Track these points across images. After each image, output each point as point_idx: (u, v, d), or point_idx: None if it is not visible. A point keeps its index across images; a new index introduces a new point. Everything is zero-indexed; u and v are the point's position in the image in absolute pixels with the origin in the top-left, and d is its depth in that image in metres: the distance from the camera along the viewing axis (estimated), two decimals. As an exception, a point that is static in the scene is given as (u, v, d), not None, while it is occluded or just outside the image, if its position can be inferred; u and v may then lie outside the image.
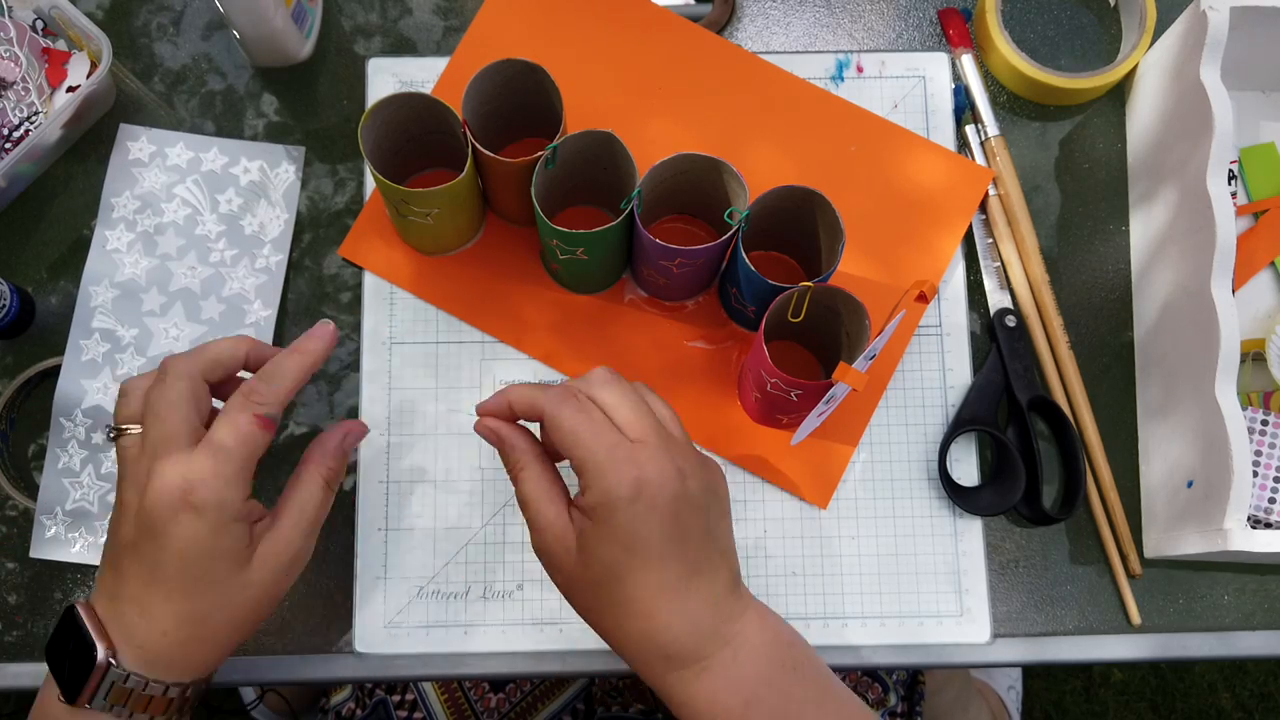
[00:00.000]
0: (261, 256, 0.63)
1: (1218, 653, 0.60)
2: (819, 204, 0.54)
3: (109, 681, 0.46)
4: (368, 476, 0.61)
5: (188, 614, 0.47)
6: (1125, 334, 0.64)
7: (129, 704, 0.47)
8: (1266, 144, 0.65)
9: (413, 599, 0.59)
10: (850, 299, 0.53)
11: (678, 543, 0.47)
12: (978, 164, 0.64)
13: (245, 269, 0.63)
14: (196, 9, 0.66)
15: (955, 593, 0.60)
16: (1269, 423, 0.59)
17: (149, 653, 0.47)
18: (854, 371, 0.51)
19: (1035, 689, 1.32)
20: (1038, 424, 0.62)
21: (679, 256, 0.54)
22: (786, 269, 0.62)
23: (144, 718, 0.47)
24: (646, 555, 0.46)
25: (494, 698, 0.79)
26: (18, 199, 0.64)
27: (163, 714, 0.48)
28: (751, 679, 0.47)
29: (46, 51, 0.63)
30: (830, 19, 0.68)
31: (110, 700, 0.46)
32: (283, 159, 0.64)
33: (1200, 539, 0.54)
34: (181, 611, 0.47)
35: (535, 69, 0.54)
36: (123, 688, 0.46)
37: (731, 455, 0.61)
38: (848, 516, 0.61)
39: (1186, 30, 0.59)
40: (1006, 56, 0.64)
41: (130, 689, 0.46)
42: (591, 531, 0.47)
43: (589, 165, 0.57)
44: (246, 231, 0.63)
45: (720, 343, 0.62)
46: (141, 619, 0.47)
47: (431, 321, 0.62)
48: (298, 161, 0.64)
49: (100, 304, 0.62)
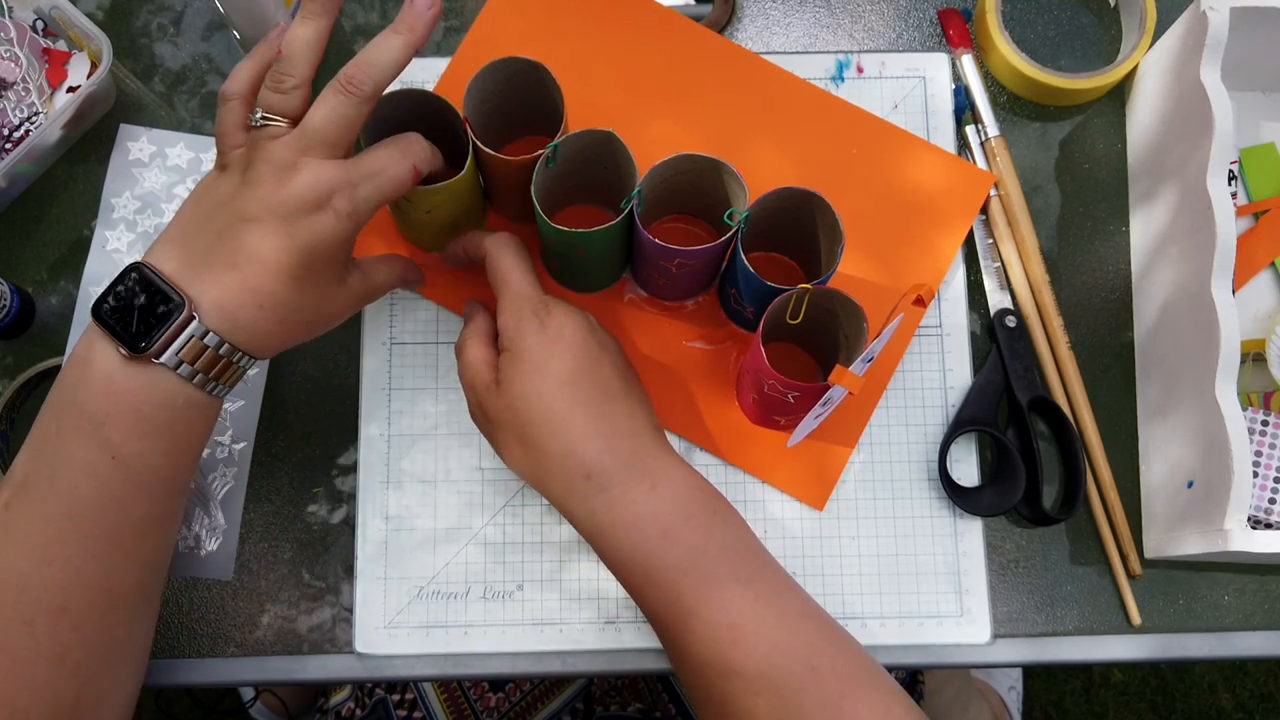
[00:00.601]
0: None
1: (1218, 653, 0.60)
2: (818, 206, 0.54)
3: (188, 335, 0.45)
4: (368, 476, 0.61)
5: (285, 300, 0.48)
6: (1125, 334, 0.64)
7: (198, 363, 0.46)
8: (1266, 144, 0.65)
9: (413, 599, 0.59)
10: (848, 301, 0.53)
11: (590, 366, 0.51)
12: (979, 168, 0.64)
13: None
14: (196, 9, 0.66)
15: (955, 593, 0.60)
16: (1269, 423, 0.59)
17: (235, 318, 0.46)
18: (850, 374, 0.51)
19: (1035, 689, 1.32)
20: (1038, 424, 0.62)
21: (678, 257, 0.54)
22: (786, 270, 0.62)
23: (205, 380, 0.47)
24: (557, 372, 0.51)
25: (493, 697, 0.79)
26: (18, 199, 0.64)
27: (219, 380, 0.48)
28: (670, 513, 0.49)
29: (47, 52, 0.63)
30: (830, 19, 0.68)
31: (182, 356, 0.46)
32: None
33: (1200, 539, 0.54)
34: (281, 295, 0.47)
35: (537, 67, 0.54)
36: (199, 343, 0.46)
37: (729, 456, 0.61)
38: (848, 517, 0.61)
39: (1186, 31, 0.59)
40: (1007, 57, 0.64)
41: (206, 345, 0.46)
42: (505, 361, 0.52)
43: (589, 164, 0.57)
44: None
45: (719, 343, 0.62)
46: (240, 286, 0.46)
47: (431, 321, 0.62)
48: None
49: None
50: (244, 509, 0.60)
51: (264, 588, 0.60)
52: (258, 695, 1.12)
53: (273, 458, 0.61)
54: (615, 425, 0.51)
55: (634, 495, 0.49)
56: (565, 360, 0.51)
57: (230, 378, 0.48)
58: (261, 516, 0.61)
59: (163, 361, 0.45)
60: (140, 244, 0.63)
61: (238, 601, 0.60)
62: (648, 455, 0.51)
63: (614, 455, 0.50)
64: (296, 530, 0.60)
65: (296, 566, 0.60)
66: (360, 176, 0.48)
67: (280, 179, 0.47)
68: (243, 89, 0.50)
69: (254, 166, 0.47)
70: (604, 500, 0.50)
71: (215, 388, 0.48)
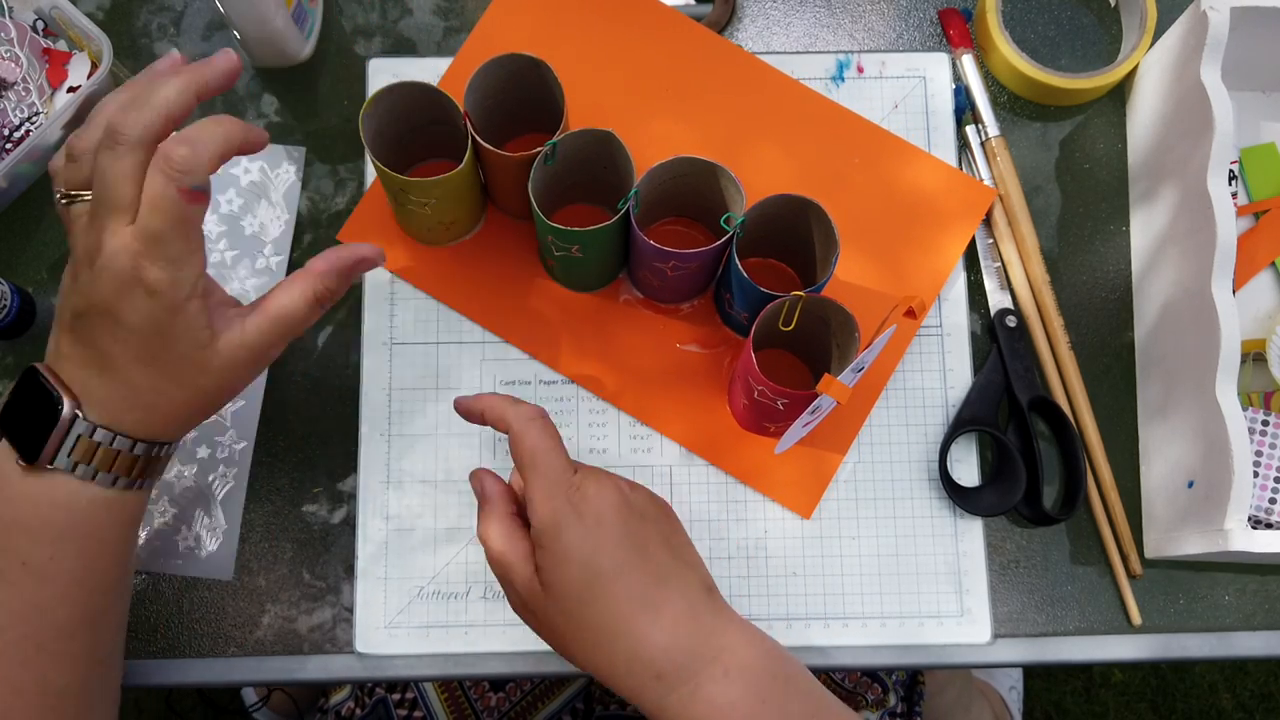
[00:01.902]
0: (262, 257, 0.63)
1: (1218, 653, 0.60)
2: (815, 213, 0.54)
3: (75, 435, 0.45)
4: (368, 476, 0.61)
5: (148, 383, 0.46)
6: (1126, 334, 0.64)
7: (94, 461, 0.45)
8: (1267, 144, 0.65)
9: (413, 599, 0.59)
10: (840, 310, 0.52)
11: (635, 552, 0.47)
12: (982, 182, 0.64)
13: (246, 269, 0.63)
14: (196, 9, 0.66)
15: (956, 593, 0.60)
16: (1269, 423, 0.59)
17: (112, 410, 0.45)
18: (838, 384, 0.51)
19: (1036, 689, 1.32)
20: (1038, 424, 0.62)
21: (673, 259, 0.54)
22: (783, 276, 0.62)
23: (108, 479, 0.46)
24: (605, 569, 0.47)
25: (494, 697, 0.79)
26: (18, 199, 0.64)
27: (126, 475, 0.47)
28: (748, 697, 0.47)
29: (47, 52, 0.63)
30: (830, 19, 0.68)
31: (75, 458, 0.45)
32: (283, 159, 0.64)
33: (1201, 539, 0.54)
34: (141, 380, 0.46)
35: (539, 64, 0.54)
36: (89, 441, 0.45)
37: (718, 461, 0.61)
38: (848, 516, 0.61)
39: (1187, 30, 0.59)
40: (1007, 57, 0.64)
41: (97, 443, 0.45)
42: (546, 559, 0.47)
43: (589, 164, 0.57)
44: (247, 232, 0.63)
45: (713, 347, 0.62)
46: (102, 378, 0.45)
47: (431, 321, 0.62)
48: (298, 162, 0.64)
49: None
50: (244, 509, 0.60)
51: (264, 588, 0.60)
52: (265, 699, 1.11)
53: (273, 458, 0.61)
54: (675, 612, 0.47)
55: (708, 689, 0.47)
56: (611, 552, 0.47)
57: (143, 469, 0.47)
58: (261, 516, 0.61)
59: (56, 466, 0.45)
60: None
61: (238, 601, 0.60)
62: (710, 635, 0.47)
63: (680, 648, 0.47)
64: (296, 530, 0.60)
65: (296, 566, 0.60)
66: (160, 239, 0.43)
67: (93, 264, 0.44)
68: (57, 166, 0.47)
69: (73, 254, 0.46)
70: (677, 698, 0.47)
71: (124, 482, 0.47)
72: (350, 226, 0.63)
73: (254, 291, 0.63)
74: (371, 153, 0.55)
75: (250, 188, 0.64)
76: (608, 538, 0.47)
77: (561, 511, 0.47)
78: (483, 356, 0.62)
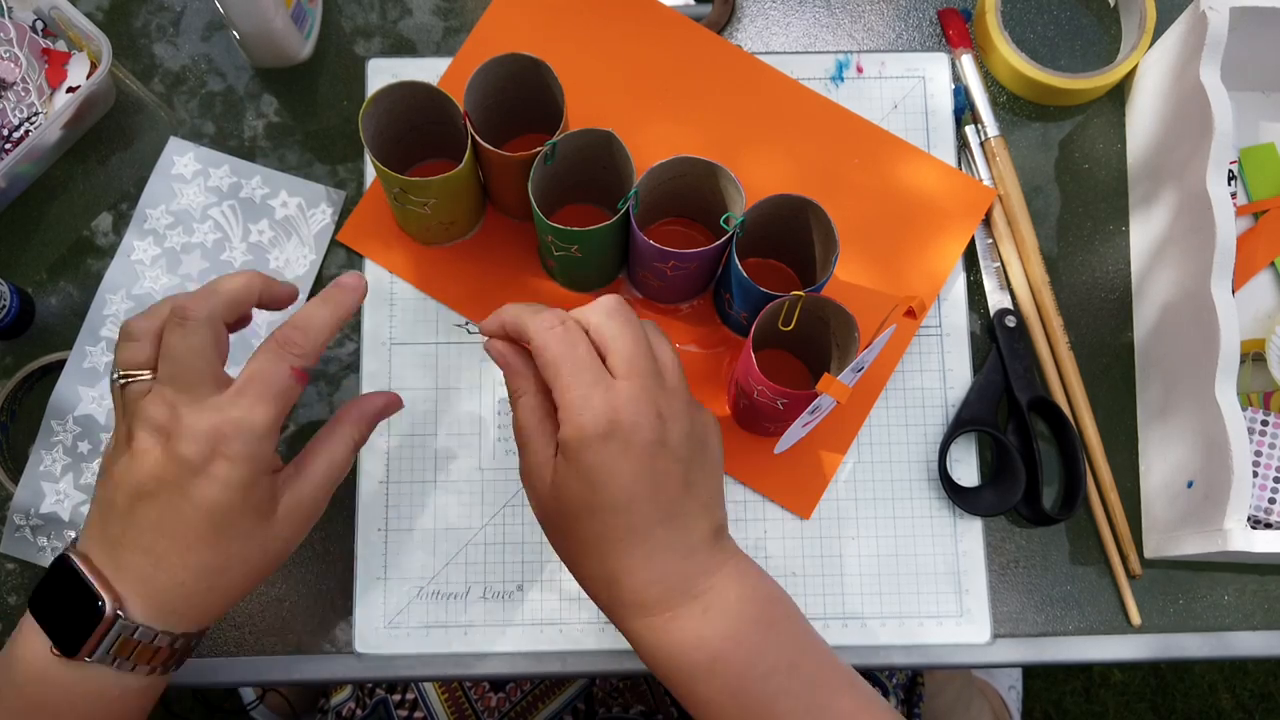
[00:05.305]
0: None
1: (1218, 653, 0.60)
2: (814, 213, 0.54)
3: (115, 633, 0.44)
4: (368, 476, 0.61)
5: (208, 566, 0.45)
6: (1125, 334, 0.64)
7: (133, 656, 0.45)
8: (1266, 144, 0.65)
9: (413, 599, 0.59)
10: (840, 310, 0.52)
11: (648, 488, 0.46)
12: (982, 182, 0.64)
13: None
14: (196, 9, 0.66)
15: (955, 593, 0.60)
16: (1269, 423, 0.59)
17: (161, 604, 0.45)
18: (838, 384, 0.51)
19: (1035, 689, 1.32)
20: (1038, 424, 0.62)
21: (672, 259, 0.54)
22: (783, 277, 0.62)
23: (145, 669, 0.46)
24: (613, 497, 0.45)
25: (494, 697, 0.79)
26: (18, 199, 0.64)
27: (162, 665, 0.47)
28: (720, 635, 0.46)
29: (46, 52, 0.63)
30: (830, 19, 0.68)
31: (114, 653, 0.45)
32: (322, 200, 0.63)
33: (1200, 539, 0.54)
34: (202, 564, 0.45)
35: (539, 64, 0.55)
36: (129, 639, 0.45)
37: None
38: (848, 517, 0.61)
39: (1186, 31, 0.59)
40: (1006, 57, 0.64)
41: (138, 641, 0.45)
42: (563, 466, 0.46)
43: (589, 164, 0.57)
44: (271, 265, 0.63)
45: (713, 347, 0.62)
46: (156, 570, 0.45)
47: (431, 322, 0.62)
48: (336, 205, 0.63)
49: (113, 313, 0.62)
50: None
51: (264, 588, 0.60)
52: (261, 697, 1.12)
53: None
54: (669, 550, 0.46)
55: (682, 621, 0.46)
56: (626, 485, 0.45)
57: (174, 658, 0.47)
58: (261, 517, 0.61)
59: (94, 660, 0.45)
60: (165, 260, 0.62)
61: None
62: (700, 575, 0.46)
63: (663, 584, 0.46)
64: (296, 530, 0.60)
65: (297, 566, 0.60)
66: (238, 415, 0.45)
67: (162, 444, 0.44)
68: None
69: (135, 435, 0.45)
70: (647, 625, 0.47)
71: (157, 670, 0.47)
72: (350, 226, 0.63)
73: (265, 326, 0.62)
74: (371, 153, 0.55)
75: (284, 222, 0.63)
76: (625, 470, 0.45)
77: (587, 431, 0.45)
78: (483, 356, 0.62)
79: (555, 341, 0.46)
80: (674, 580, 0.46)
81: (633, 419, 0.45)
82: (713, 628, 0.46)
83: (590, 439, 0.45)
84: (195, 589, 0.46)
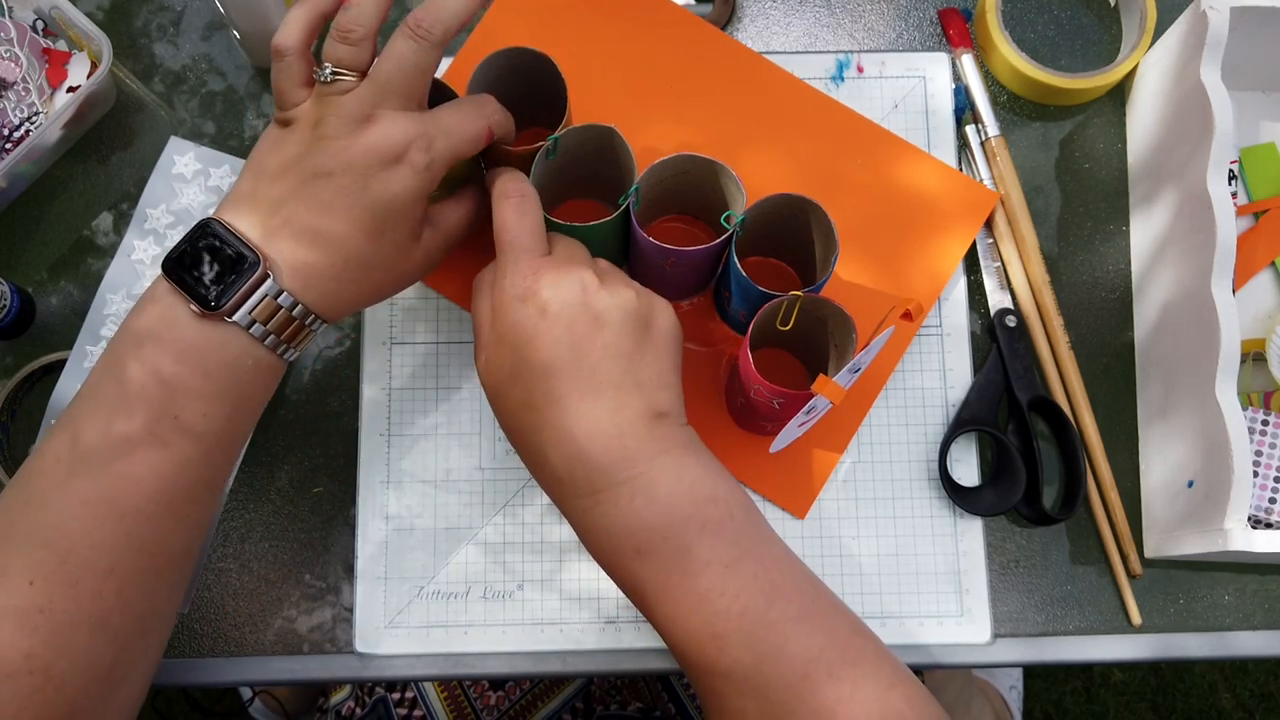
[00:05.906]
0: None
1: (1218, 653, 0.60)
2: (815, 213, 0.54)
3: (262, 293, 0.45)
4: (368, 476, 0.61)
5: (359, 256, 0.47)
6: (1125, 334, 0.64)
7: (270, 324, 0.46)
8: (1267, 144, 0.65)
9: (413, 599, 0.59)
10: (838, 311, 0.52)
11: (571, 354, 0.46)
12: (985, 185, 0.64)
13: None
14: (196, 9, 0.66)
15: (955, 593, 0.60)
16: (1269, 423, 0.59)
17: (306, 280, 0.46)
18: (833, 385, 0.51)
19: (1035, 689, 1.32)
20: (1038, 424, 0.62)
21: (672, 256, 0.54)
22: (783, 276, 0.62)
23: (275, 342, 0.46)
24: (532, 363, 0.46)
25: (493, 695, 0.79)
26: (18, 199, 0.64)
27: (291, 344, 0.47)
28: (646, 527, 0.45)
29: (47, 52, 0.63)
30: (830, 19, 0.68)
31: (254, 315, 0.45)
32: None
33: (1200, 539, 0.54)
34: (356, 251, 0.47)
35: (543, 58, 0.54)
36: (273, 303, 0.45)
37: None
38: (848, 517, 0.61)
39: (1187, 30, 0.59)
40: (1007, 57, 0.64)
41: (280, 306, 0.45)
42: (489, 333, 0.48)
43: (591, 159, 0.57)
44: None
45: (711, 345, 0.62)
46: (311, 247, 0.46)
47: (431, 321, 0.62)
48: None
49: (113, 313, 0.62)
50: (244, 509, 0.60)
51: (264, 588, 0.60)
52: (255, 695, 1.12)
53: (273, 458, 0.61)
54: (591, 428, 0.46)
55: (606, 508, 0.46)
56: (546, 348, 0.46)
57: (300, 340, 0.47)
58: (261, 516, 0.61)
59: (235, 320, 0.45)
60: (159, 256, 0.63)
61: (238, 601, 0.60)
62: (629, 460, 0.46)
63: (587, 464, 0.46)
64: (296, 530, 0.60)
65: (297, 566, 0.60)
66: (437, 130, 0.47)
67: (354, 133, 0.46)
68: (298, 44, 0.48)
69: (325, 121, 0.46)
70: (573, 506, 0.47)
71: (285, 349, 0.47)
72: (350, 226, 0.63)
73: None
74: None
75: None
76: (545, 332, 0.46)
77: (510, 293, 0.47)
78: (483, 356, 0.62)
79: (508, 210, 0.49)
80: (599, 460, 0.46)
81: (552, 283, 0.47)
82: (638, 519, 0.45)
83: (510, 300, 0.47)
84: (342, 275, 0.47)
